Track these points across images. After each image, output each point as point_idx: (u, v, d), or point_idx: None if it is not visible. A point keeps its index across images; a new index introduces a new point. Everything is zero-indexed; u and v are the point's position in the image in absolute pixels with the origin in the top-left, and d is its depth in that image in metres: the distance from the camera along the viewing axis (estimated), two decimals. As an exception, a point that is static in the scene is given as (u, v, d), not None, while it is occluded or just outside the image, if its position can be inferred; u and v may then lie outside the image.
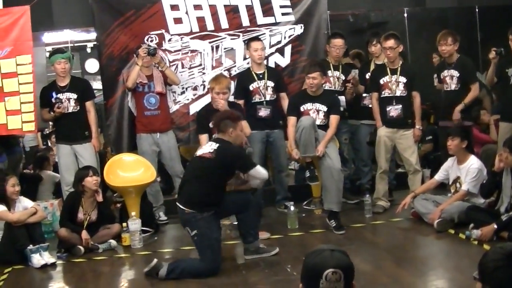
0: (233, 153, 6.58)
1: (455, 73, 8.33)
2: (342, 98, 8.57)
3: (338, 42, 8.72)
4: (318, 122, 7.88)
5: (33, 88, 8.30)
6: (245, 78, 8.69)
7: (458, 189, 7.66)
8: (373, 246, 7.13)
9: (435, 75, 8.85)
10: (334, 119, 7.97)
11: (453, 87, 8.39)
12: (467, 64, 8.45)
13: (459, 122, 8.28)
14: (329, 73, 8.61)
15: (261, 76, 8.57)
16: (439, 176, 7.97)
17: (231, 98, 8.26)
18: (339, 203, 7.66)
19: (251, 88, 8.55)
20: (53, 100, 8.36)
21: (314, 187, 8.64)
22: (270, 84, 8.56)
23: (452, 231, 7.17)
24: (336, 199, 7.63)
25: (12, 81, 8.26)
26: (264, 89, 8.52)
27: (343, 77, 8.77)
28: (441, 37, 8.33)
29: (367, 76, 8.95)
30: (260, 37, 8.96)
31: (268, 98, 8.55)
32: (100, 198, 7.74)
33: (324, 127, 7.93)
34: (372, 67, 8.98)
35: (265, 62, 8.83)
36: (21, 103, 8.27)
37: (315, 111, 7.96)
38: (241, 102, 8.51)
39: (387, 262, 6.42)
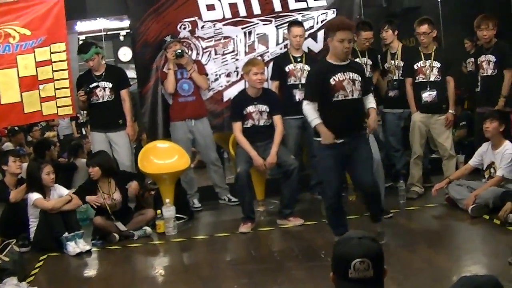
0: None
1: (492, 58, 8.10)
2: None
3: (368, 34, 8.57)
4: None
5: (68, 74, 8.42)
6: (282, 59, 8.59)
7: (492, 175, 7.59)
8: (407, 231, 7.11)
9: (468, 60, 8.73)
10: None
11: (489, 72, 8.15)
12: (505, 48, 8.17)
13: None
14: (357, 60, 8.55)
15: (298, 59, 8.44)
16: (473, 162, 7.88)
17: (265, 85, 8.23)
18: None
19: (287, 69, 8.43)
20: (85, 88, 8.41)
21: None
22: (307, 68, 8.32)
23: (487, 217, 7.11)
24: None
25: (47, 69, 8.38)
26: (300, 72, 8.35)
27: (370, 62, 8.70)
28: (481, 22, 8.04)
29: (386, 66, 8.86)
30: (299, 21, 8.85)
31: (303, 81, 8.21)
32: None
33: None
34: (388, 57, 8.85)
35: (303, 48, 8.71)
36: (56, 89, 8.42)
37: None
38: (276, 83, 8.46)
39: (422, 247, 6.41)
